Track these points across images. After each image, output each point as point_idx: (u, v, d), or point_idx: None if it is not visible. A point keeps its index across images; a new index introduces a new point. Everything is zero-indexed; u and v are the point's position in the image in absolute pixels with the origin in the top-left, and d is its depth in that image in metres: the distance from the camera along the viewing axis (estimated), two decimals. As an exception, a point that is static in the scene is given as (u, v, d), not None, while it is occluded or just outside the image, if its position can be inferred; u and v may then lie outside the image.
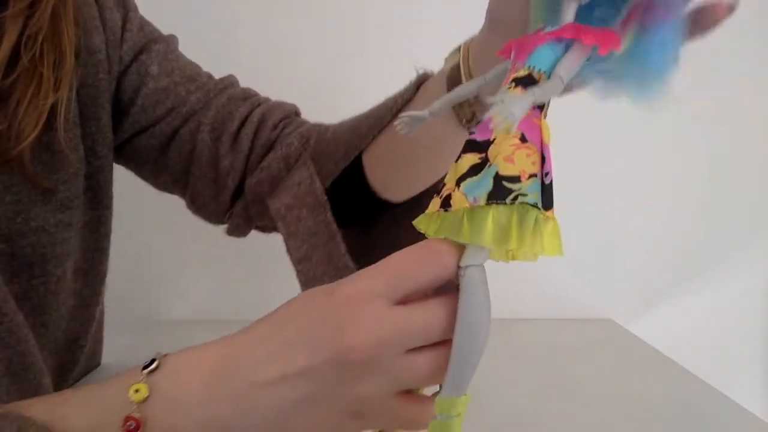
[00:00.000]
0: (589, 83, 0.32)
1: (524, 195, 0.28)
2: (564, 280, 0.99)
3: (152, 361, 0.33)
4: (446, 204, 0.30)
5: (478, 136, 0.30)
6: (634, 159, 1.02)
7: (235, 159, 0.57)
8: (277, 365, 0.31)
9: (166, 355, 0.34)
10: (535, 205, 0.28)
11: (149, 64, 0.57)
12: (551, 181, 0.29)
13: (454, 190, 0.29)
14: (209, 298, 0.98)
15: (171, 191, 0.63)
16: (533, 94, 0.27)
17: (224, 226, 0.62)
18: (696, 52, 1.05)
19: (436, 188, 0.33)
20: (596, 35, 0.28)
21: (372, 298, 0.30)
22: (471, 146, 0.30)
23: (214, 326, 0.88)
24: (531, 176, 0.28)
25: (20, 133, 0.46)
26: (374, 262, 0.47)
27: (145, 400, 0.31)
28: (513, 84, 0.29)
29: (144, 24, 0.59)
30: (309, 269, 0.52)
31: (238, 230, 0.62)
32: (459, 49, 0.45)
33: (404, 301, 0.30)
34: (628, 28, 0.29)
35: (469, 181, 0.29)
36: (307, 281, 0.53)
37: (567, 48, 0.29)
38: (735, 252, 1.06)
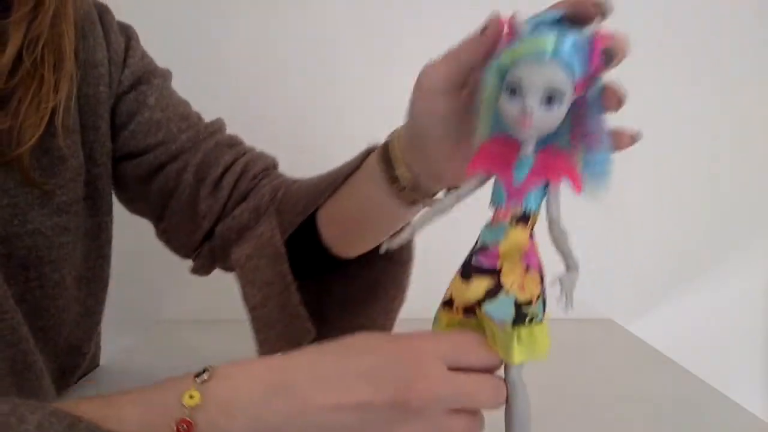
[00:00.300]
0: None
1: (537, 315, 0.36)
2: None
3: (204, 370, 0.35)
4: (470, 312, 0.37)
5: (485, 263, 0.36)
6: (633, 159, 1.02)
7: (213, 203, 0.59)
8: (339, 392, 0.34)
9: (214, 367, 0.36)
10: (541, 321, 0.36)
11: (148, 95, 0.59)
12: (545, 293, 0.37)
13: (477, 309, 0.36)
14: (209, 298, 0.98)
15: (144, 217, 0.64)
16: (573, 274, 0.35)
17: (190, 264, 0.65)
18: (696, 52, 1.06)
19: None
20: (570, 174, 0.35)
21: (438, 359, 0.35)
22: (480, 271, 0.36)
23: (214, 326, 0.88)
24: (538, 298, 0.36)
25: (21, 135, 0.47)
26: (326, 312, 0.55)
27: (198, 405, 0.33)
28: (514, 222, 0.35)
29: (144, 55, 0.62)
30: (263, 316, 0.55)
31: (202, 269, 0.64)
32: (395, 132, 0.48)
33: (456, 369, 0.36)
34: (578, 150, 0.36)
35: (489, 305, 0.35)
36: (260, 327, 0.55)
37: (546, 183, 0.35)
38: (735, 252, 1.06)
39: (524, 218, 0.35)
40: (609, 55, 0.32)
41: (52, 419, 0.30)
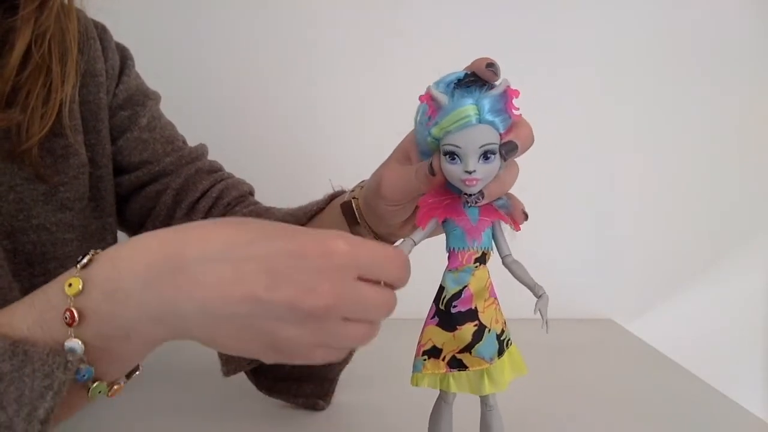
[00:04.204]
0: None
1: (509, 338, 0.41)
2: (564, 280, 0.99)
3: (85, 255, 0.33)
4: (458, 365, 0.40)
5: (462, 307, 0.39)
6: (634, 159, 1.02)
7: None
8: (230, 281, 0.31)
9: (101, 251, 0.34)
10: (512, 341, 0.42)
11: (141, 115, 0.62)
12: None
13: (464, 355, 0.39)
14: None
15: (121, 230, 0.66)
16: (544, 298, 0.39)
17: None
18: (696, 52, 1.06)
19: None
20: (509, 217, 0.40)
21: (350, 267, 0.32)
22: (462, 317, 0.39)
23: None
24: (505, 323, 0.41)
25: (31, 128, 0.50)
26: None
27: (80, 293, 0.32)
28: (477, 264, 0.39)
29: (138, 76, 0.65)
30: None
31: None
32: (360, 184, 0.52)
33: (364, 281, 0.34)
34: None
35: (478, 347, 0.39)
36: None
37: (492, 224, 0.40)
38: (735, 252, 1.06)
39: (482, 257, 0.39)
40: (511, 149, 0.36)
41: None
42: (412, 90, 0.40)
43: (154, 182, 0.62)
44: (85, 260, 0.33)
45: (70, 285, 0.32)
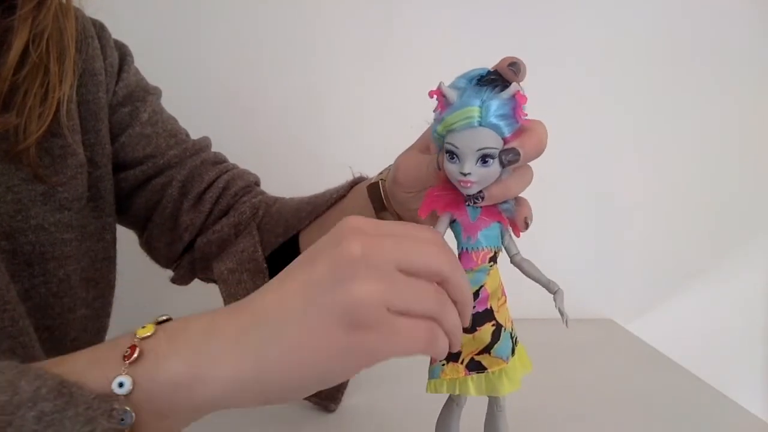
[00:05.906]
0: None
1: (516, 336, 0.41)
2: (564, 280, 0.98)
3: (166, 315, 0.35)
4: (477, 368, 0.39)
5: (480, 308, 0.39)
6: (634, 160, 1.02)
7: (195, 217, 0.62)
8: (281, 285, 0.33)
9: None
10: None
11: (142, 110, 0.62)
12: None
13: (483, 356, 0.39)
14: (210, 298, 0.98)
15: (128, 227, 0.66)
16: (560, 294, 0.39)
17: (170, 274, 0.68)
18: (696, 52, 1.06)
19: None
20: (510, 222, 0.40)
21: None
22: (481, 318, 0.39)
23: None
24: (512, 320, 0.41)
25: (28, 129, 0.49)
26: None
27: (148, 336, 0.32)
28: (491, 263, 0.39)
29: (138, 72, 0.65)
30: None
31: (181, 279, 0.67)
32: (389, 168, 0.51)
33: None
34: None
35: (497, 347, 0.39)
36: None
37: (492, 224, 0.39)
38: (735, 252, 1.06)
39: (494, 258, 0.39)
40: (511, 156, 0.35)
41: (4, 370, 0.30)
42: (412, 90, 0.40)
43: (159, 175, 0.62)
44: (164, 318, 0.34)
45: (143, 327, 0.33)
